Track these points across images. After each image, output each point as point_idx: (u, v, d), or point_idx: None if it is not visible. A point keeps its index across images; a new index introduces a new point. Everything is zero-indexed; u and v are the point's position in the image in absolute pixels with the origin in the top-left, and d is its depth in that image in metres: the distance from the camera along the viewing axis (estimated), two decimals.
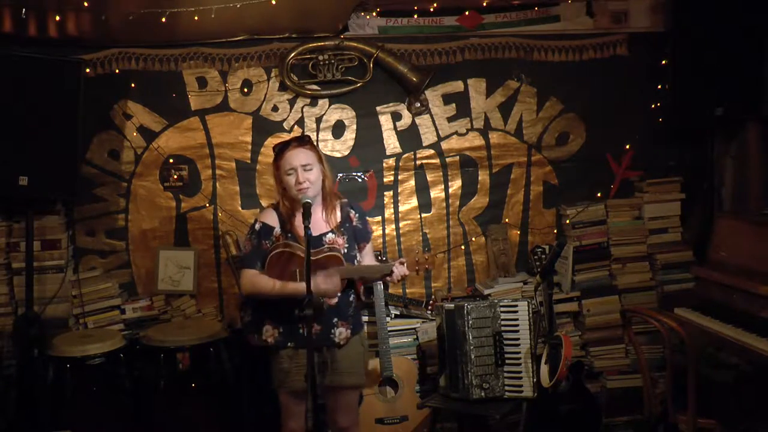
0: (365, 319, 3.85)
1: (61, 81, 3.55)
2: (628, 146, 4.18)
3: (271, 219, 2.97)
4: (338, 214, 3.03)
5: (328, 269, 2.84)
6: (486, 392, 3.36)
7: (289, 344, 2.90)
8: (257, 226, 2.96)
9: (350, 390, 3.08)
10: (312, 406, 2.41)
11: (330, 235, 2.96)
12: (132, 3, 3.46)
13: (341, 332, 2.96)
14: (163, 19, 3.52)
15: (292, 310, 2.83)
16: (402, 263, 2.91)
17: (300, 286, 2.71)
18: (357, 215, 3.08)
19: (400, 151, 4.16)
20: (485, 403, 3.36)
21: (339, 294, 2.92)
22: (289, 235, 2.94)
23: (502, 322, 3.43)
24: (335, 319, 2.94)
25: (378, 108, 4.12)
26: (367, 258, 3.13)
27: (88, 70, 3.84)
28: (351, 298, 3.02)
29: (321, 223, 2.96)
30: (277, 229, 2.94)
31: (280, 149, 2.96)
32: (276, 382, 2.96)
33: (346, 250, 2.97)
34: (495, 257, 4.15)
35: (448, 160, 4.18)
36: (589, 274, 4.07)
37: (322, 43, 3.98)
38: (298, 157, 2.90)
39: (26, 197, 3.59)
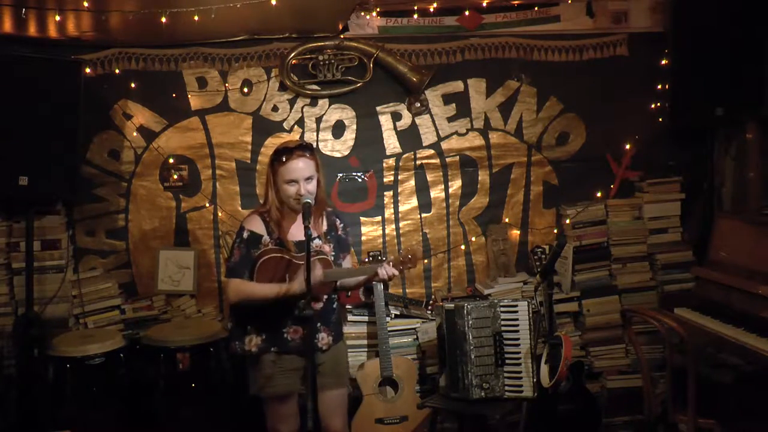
0: (365, 319, 3.89)
1: (61, 81, 3.55)
2: (628, 146, 4.18)
3: (258, 226, 2.91)
4: (324, 221, 3.01)
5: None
6: (486, 392, 3.36)
7: (272, 349, 2.89)
8: (245, 234, 2.90)
9: (336, 392, 3.05)
10: (312, 407, 2.41)
11: (317, 241, 2.92)
12: (132, 3, 3.46)
13: (323, 337, 2.94)
14: (163, 19, 3.52)
15: (275, 316, 2.85)
16: (389, 263, 2.82)
17: (292, 285, 2.74)
18: (342, 225, 3.07)
19: (400, 151, 4.16)
20: (485, 403, 3.36)
21: (324, 298, 2.93)
22: (277, 241, 2.90)
23: (502, 322, 3.43)
24: (318, 324, 2.93)
25: (378, 108, 4.12)
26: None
27: (88, 70, 3.84)
28: (334, 305, 3.03)
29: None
30: (266, 237, 2.89)
31: (283, 154, 2.87)
32: (255, 388, 2.93)
33: (332, 258, 2.95)
34: (495, 257, 4.15)
35: (448, 160, 4.18)
36: (589, 274, 4.07)
37: (322, 43, 3.98)
38: (302, 168, 2.84)
39: (26, 197, 3.59)
